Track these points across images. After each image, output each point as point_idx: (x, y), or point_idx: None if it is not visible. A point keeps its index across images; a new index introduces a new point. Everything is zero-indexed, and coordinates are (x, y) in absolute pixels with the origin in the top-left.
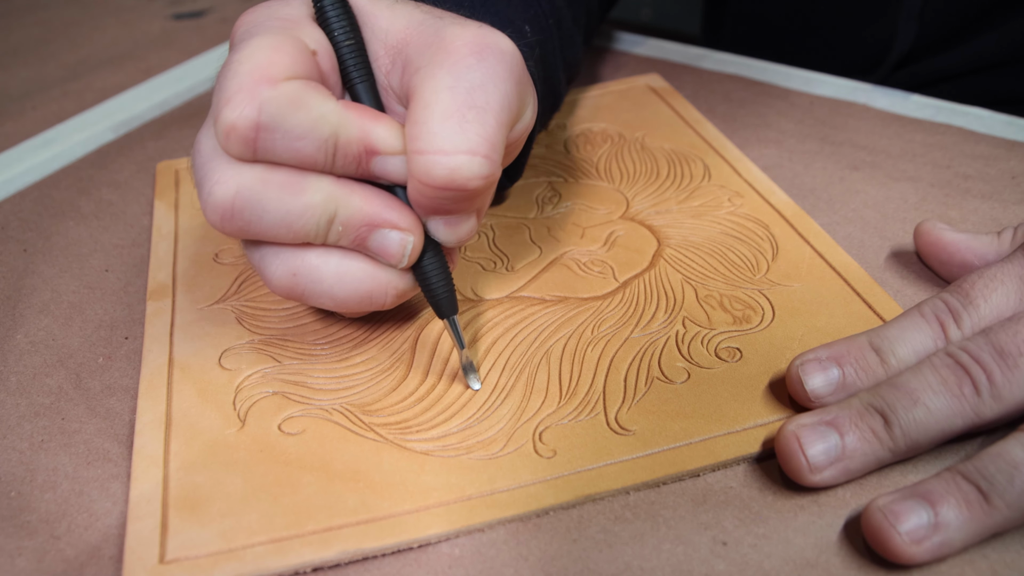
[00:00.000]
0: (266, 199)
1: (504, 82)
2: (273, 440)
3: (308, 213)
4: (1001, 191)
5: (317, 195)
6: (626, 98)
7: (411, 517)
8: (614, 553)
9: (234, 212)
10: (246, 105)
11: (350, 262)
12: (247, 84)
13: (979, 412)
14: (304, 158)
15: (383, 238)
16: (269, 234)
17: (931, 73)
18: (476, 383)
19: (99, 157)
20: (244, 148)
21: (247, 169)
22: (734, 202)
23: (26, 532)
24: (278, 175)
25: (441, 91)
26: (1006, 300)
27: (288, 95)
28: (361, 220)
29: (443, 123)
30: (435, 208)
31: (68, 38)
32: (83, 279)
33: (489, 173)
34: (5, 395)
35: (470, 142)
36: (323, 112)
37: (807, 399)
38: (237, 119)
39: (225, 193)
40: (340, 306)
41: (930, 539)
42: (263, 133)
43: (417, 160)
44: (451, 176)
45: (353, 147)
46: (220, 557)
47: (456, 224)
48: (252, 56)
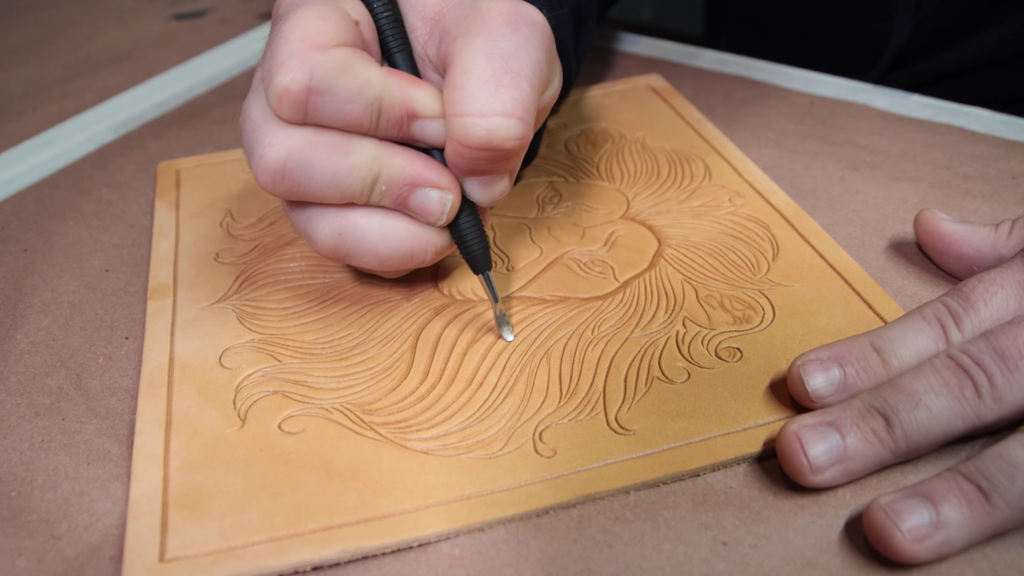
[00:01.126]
0: (315, 160)
1: (536, 50)
2: (273, 439)
3: (355, 173)
4: (1001, 191)
5: (363, 156)
6: (627, 98)
7: (411, 516)
8: (614, 553)
9: (285, 173)
10: (299, 70)
11: (393, 221)
12: (299, 50)
13: (980, 414)
14: (351, 121)
15: (424, 197)
16: (317, 194)
17: (930, 72)
18: (509, 335)
19: (99, 157)
20: (295, 111)
21: (297, 132)
22: (735, 202)
23: (26, 532)
24: (327, 137)
25: (478, 58)
26: (1006, 304)
27: (337, 60)
28: (403, 179)
29: (481, 87)
30: (471, 169)
31: (68, 38)
32: (83, 279)
33: (523, 134)
34: (5, 395)
35: (506, 105)
36: (368, 77)
37: (808, 399)
38: (290, 83)
39: (277, 155)
40: (382, 264)
41: (932, 538)
42: (314, 96)
43: (456, 122)
44: (488, 137)
45: (396, 111)
46: (220, 556)
47: (490, 184)
48: (302, 24)
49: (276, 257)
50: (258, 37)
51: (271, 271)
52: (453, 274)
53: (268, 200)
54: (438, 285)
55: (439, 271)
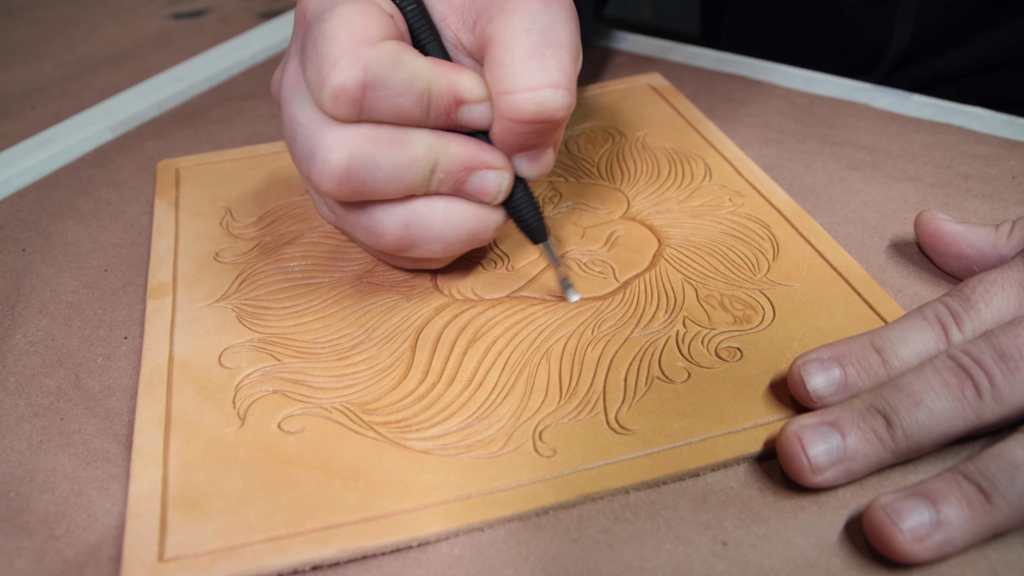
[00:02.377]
0: (377, 156)
1: (569, 22)
2: (273, 439)
3: (416, 164)
4: (1001, 191)
5: (420, 147)
6: (627, 97)
7: (411, 516)
8: (614, 553)
9: (350, 174)
10: (352, 67)
11: (454, 204)
12: (349, 47)
13: (980, 414)
14: (404, 113)
15: (481, 179)
16: (382, 191)
17: (930, 75)
18: (574, 295)
19: (98, 157)
20: (351, 108)
21: (355, 131)
22: (735, 202)
23: (25, 533)
24: (384, 132)
25: (519, 35)
26: (1006, 305)
27: (388, 54)
28: (460, 165)
29: (526, 63)
30: (520, 144)
31: (67, 38)
32: (82, 279)
33: (570, 103)
34: (4, 395)
35: (552, 77)
36: (416, 68)
37: (809, 399)
38: (346, 80)
39: (340, 157)
40: (447, 248)
41: (932, 537)
42: (370, 92)
43: (506, 99)
44: (540, 109)
45: (444, 99)
46: (219, 555)
47: (538, 158)
48: (346, 21)
49: (276, 256)
50: (257, 37)
51: (271, 270)
52: (453, 274)
53: (268, 199)
54: (438, 285)
55: (438, 271)
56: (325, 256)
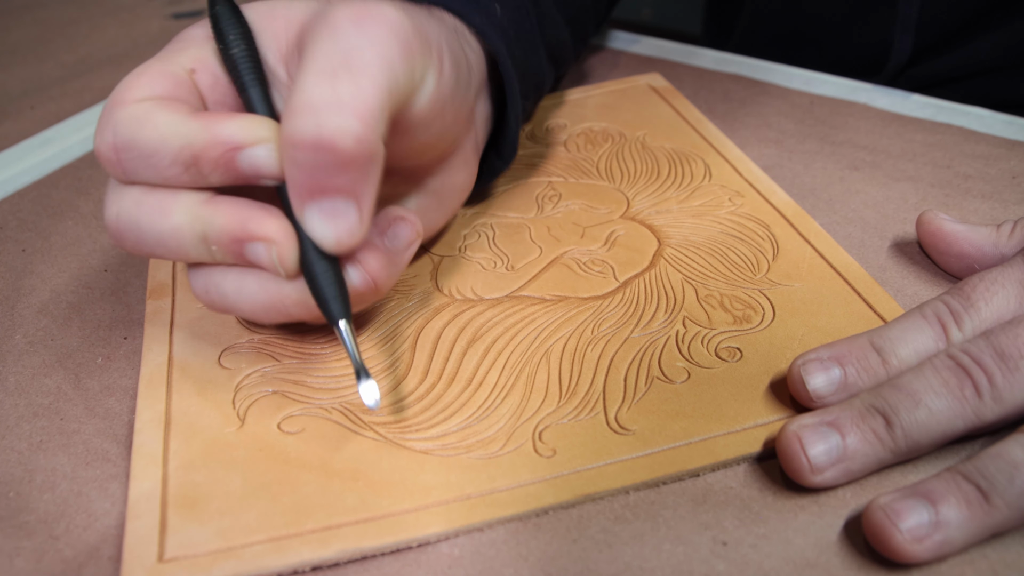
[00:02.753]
0: (142, 222)
1: (385, 47)
2: (272, 439)
3: (179, 234)
4: (1001, 191)
5: (183, 216)
6: (627, 97)
7: (410, 516)
8: (614, 553)
9: (120, 234)
10: (104, 129)
11: (245, 277)
12: (106, 111)
13: (980, 414)
14: (167, 174)
15: (254, 252)
16: (155, 254)
17: (928, 77)
18: (370, 397)
19: None
20: (115, 170)
21: (126, 192)
22: (735, 202)
23: (24, 532)
24: (151, 197)
25: (318, 56)
26: (1006, 303)
27: (134, 114)
28: (228, 237)
29: (314, 80)
30: (310, 185)
31: (67, 37)
32: (82, 279)
33: (360, 134)
34: (4, 395)
35: (340, 97)
36: (170, 123)
37: (809, 399)
38: (99, 144)
39: (109, 216)
40: (254, 318)
41: (931, 537)
42: (122, 154)
43: (287, 121)
44: (318, 132)
45: (212, 151)
46: (219, 556)
47: (333, 215)
48: (121, 83)
49: None
50: None
51: None
52: (453, 274)
53: None
54: (438, 284)
55: (438, 271)
56: None
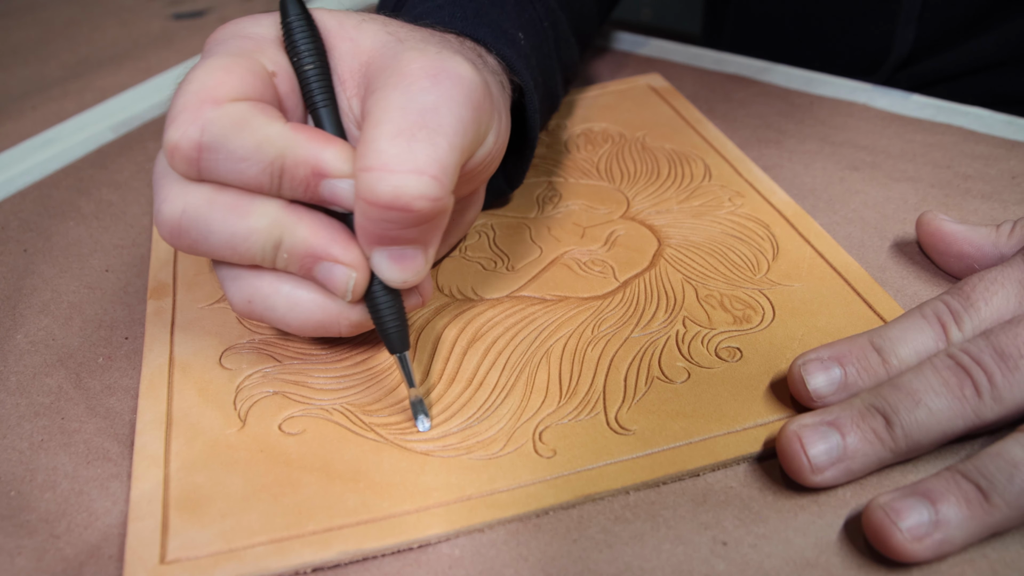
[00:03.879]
0: (212, 220)
1: (460, 107)
2: (273, 440)
3: (253, 237)
4: (1001, 191)
5: (263, 220)
6: (627, 98)
7: (411, 517)
8: (614, 553)
9: (181, 231)
10: (189, 125)
11: (301, 291)
12: (192, 104)
13: (980, 413)
14: (249, 180)
15: (327, 271)
16: (216, 255)
17: (930, 74)
18: (424, 424)
19: (99, 157)
20: (188, 167)
21: (195, 189)
22: (735, 202)
23: (26, 531)
24: (225, 196)
25: (392, 110)
26: (1006, 303)
27: (232, 116)
28: (305, 251)
29: (391, 141)
30: (381, 235)
31: (68, 38)
32: (83, 279)
33: (436, 195)
34: (5, 395)
35: (417, 161)
36: (268, 134)
37: (809, 398)
38: (180, 138)
39: (172, 211)
40: (297, 331)
41: (931, 536)
42: (206, 153)
43: (363, 177)
44: (395, 194)
45: (300, 170)
46: (220, 557)
47: (402, 259)
48: (202, 76)
49: None
50: None
51: None
52: (453, 274)
53: None
54: (438, 285)
55: (438, 271)
56: None
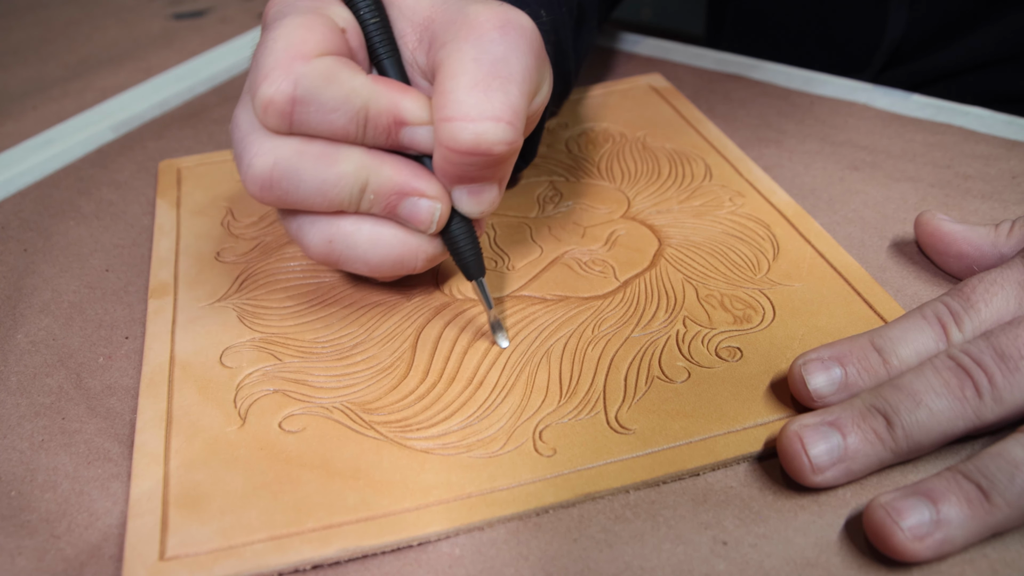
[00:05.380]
0: (302, 169)
1: (525, 56)
2: (273, 438)
3: (342, 182)
4: (1001, 191)
5: (350, 165)
6: (628, 97)
7: (411, 515)
8: (614, 553)
9: (272, 182)
10: (282, 80)
11: (382, 228)
12: (283, 60)
13: (980, 414)
14: (337, 130)
15: (412, 206)
16: (305, 203)
17: (929, 71)
18: (504, 341)
19: (99, 157)
20: (281, 121)
21: (284, 141)
22: (735, 202)
23: (26, 531)
24: (313, 147)
25: (467, 62)
26: (1006, 304)
27: (321, 70)
28: (391, 189)
29: (470, 92)
30: (460, 176)
31: (68, 38)
32: (83, 279)
33: (512, 139)
34: (5, 395)
35: (495, 109)
36: (354, 86)
37: (809, 398)
38: (274, 93)
39: (264, 165)
40: (373, 271)
41: (932, 536)
42: (299, 106)
43: (445, 127)
44: (477, 141)
45: (383, 118)
46: (220, 554)
47: (479, 193)
48: (286, 34)
49: (277, 256)
50: (258, 37)
51: (272, 270)
52: (454, 274)
53: None
54: (439, 284)
55: (439, 271)
56: None
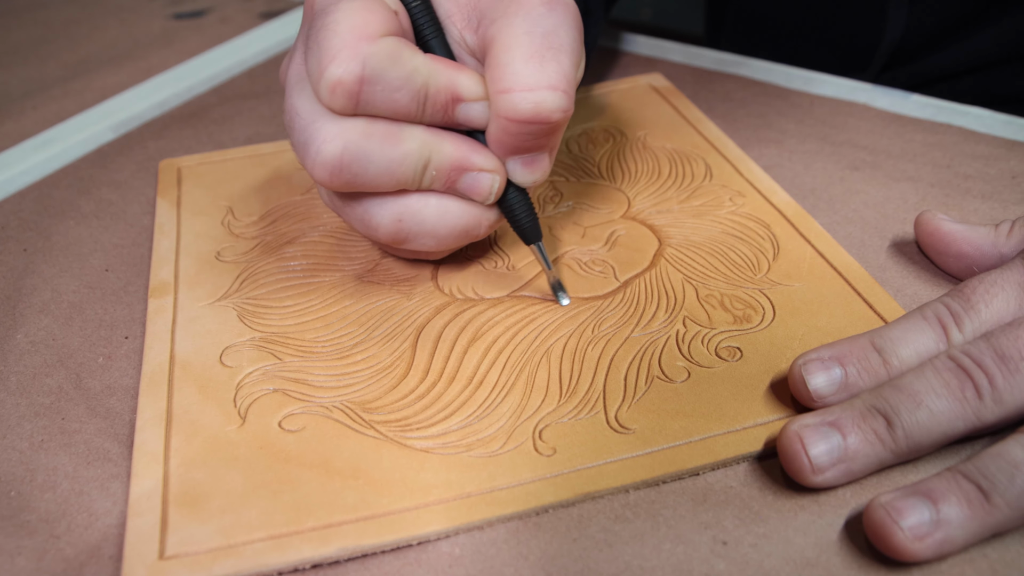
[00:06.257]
0: (370, 150)
1: (572, 29)
2: (273, 437)
3: (408, 160)
4: (1001, 191)
5: (413, 143)
6: (628, 97)
7: (411, 514)
8: (614, 552)
9: (343, 166)
10: (351, 61)
11: (447, 202)
12: (349, 42)
13: (980, 415)
14: (400, 108)
15: (472, 179)
16: (373, 183)
17: (928, 72)
18: (565, 299)
19: (99, 157)
20: (348, 102)
21: (350, 124)
22: (735, 201)
23: (26, 531)
24: (378, 127)
25: (520, 36)
26: (1006, 306)
27: (386, 50)
28: (452, 164)
29: (526, 63)
30: (516, 146)
31: (68, 37)
32: (83, 279)
33: (567, 107)
34: (5, 395)
35: (551, 78)
36: (415, 65)
37: (809, 398)
38: (344, 74)
39: (334, 149)
40: (441, 243)
41: (932, 536)
42: (366, 86)
43: (503, 98)
44: (536, 110)
45: (441, 96)
46: (220, 553)
47: (532, 163)
48: (349, 16)
49: (277, 255)
50: (258, 37)
51: (272, 269)
52: (453, 273)
53: (269, 198)
54: (438, 284)
55: (439, 270)
56: (326, 255)
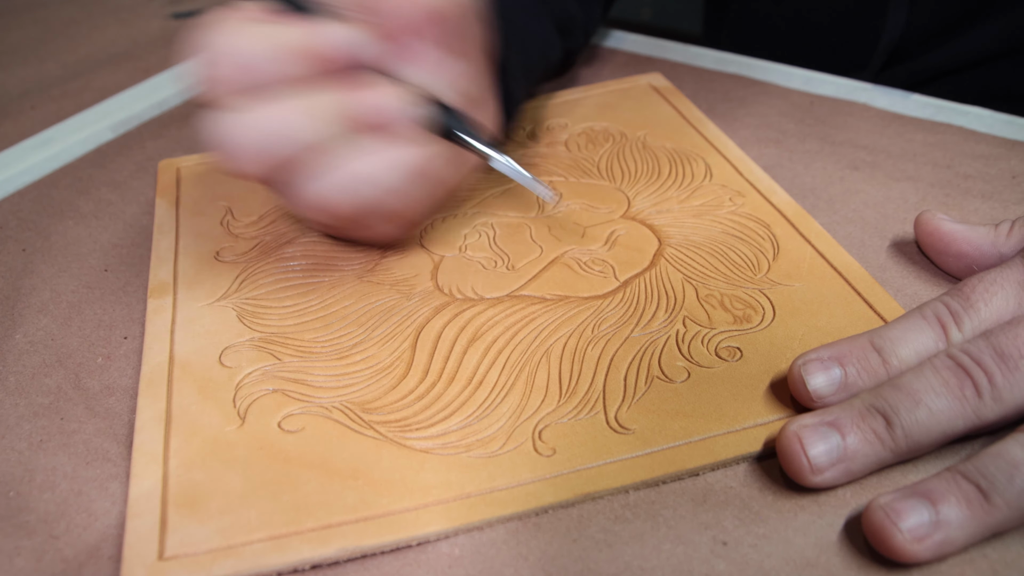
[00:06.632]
0: (269, 121)
1: None
2: (273, 437)
3: (305, 118)
4: (1001, 191)
5: (301, 100)
6: (628, 97)
7: (410, 515)
8: (614, 553)
9: (255, 147)
10: (208, 50)
11: (384, 151)
12: (208, 40)
13: (980, 414)
14: (271, 75)
15: (376, 102)
16: (290, 152)
17: (929, 69)
18: (549, 194)
19: (98, 157)
20: (225, 86)
21: (243, 107)
22: (735, 201)
23: (24, 532)
24: (266, 100)
25: None
26: (1006, 304)
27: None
28: (355, 106)
29: None
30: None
31: (67, 37)
32: (82, 279)
33: None
34: (4, 395)
35: None
36: (266, 32)
37: (809, 398)
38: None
39: (241, 136)
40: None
41: (931, 537)
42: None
43: None
44: None
45: (301, 45)
46: (219, 554)
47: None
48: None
49: (276, 255)
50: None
51: (271, 269)
52: (453, 273)
53: (269, 199)
54: (438, 284)
55: (438, 270)
56: (325, 255)
